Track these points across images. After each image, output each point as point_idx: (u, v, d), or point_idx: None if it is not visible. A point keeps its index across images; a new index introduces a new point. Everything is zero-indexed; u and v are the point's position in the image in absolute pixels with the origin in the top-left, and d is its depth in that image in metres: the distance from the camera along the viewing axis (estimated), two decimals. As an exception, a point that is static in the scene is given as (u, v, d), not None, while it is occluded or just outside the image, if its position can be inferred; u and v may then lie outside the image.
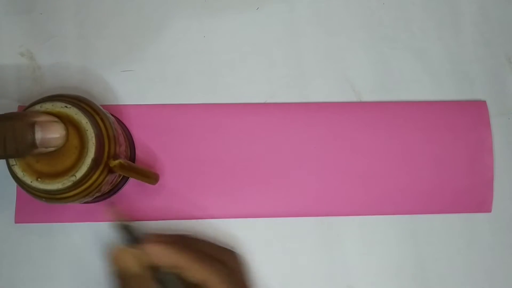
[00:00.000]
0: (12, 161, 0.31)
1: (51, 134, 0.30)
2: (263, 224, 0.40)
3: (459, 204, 0.41)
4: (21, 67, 0.40)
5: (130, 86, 0.40)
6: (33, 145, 0.29)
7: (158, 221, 0.39)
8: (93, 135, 0.31)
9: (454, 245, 0.40)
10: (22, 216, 0.39)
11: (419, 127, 0.41)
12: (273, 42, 0.41)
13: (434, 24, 0.42)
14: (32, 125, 0.29)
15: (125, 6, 0.41)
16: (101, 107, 0.34)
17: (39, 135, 0.29)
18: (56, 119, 0.31)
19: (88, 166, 0.31)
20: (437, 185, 0.41)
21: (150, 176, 0.36)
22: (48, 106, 0.31)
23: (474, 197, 0.41)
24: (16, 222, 0.39)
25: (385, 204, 0.40)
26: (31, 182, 0.31)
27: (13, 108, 0.39)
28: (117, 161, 0.33)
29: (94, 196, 0.34)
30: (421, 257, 0.40)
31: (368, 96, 0.41)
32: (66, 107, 0.31)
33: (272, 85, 0.41)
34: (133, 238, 0.34)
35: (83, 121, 0.31)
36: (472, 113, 0.42)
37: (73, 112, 0.31)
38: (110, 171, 0.33)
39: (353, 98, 0.41)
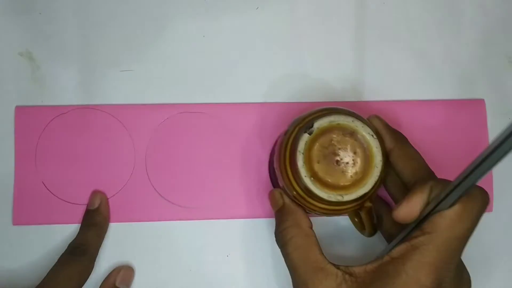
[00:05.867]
0: (301, 148, 0.31)
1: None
2: (263, 224, 0.40)
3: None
4: (20, 67, 0.40)
5: (129, 86, 0.40)
6: None
7: (158, 221, 0.39)
8: (378, 173, 0.31)
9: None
10: (20, 217, 0.39)
11: (418, 126, 0.41)
12: (273, 42, 0.41)
13: (435, 23, 0.43)
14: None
15: (125, 6, 0.41)
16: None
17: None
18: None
19: (357, 197, 0.31)
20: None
21: (370, 231, 0.35)
22: (358, 124, 0.31)
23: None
24: (14, 224, 0.39)
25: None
26: (305, 176, 0.31)
27: (11, 108, 0.39)
28: (369, 205, 0.33)
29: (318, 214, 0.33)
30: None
31: (368, 95, 0.41)
32: (373, 136, 0.31)
33: (272, 85, 0.41)
34: None
35: (377, 158, 0.31)
36: (471, 112, 0.42)
37: (374, 145, 0.31)
38: (359, 208, 0.33)
39: (353, 98, 0.41)
